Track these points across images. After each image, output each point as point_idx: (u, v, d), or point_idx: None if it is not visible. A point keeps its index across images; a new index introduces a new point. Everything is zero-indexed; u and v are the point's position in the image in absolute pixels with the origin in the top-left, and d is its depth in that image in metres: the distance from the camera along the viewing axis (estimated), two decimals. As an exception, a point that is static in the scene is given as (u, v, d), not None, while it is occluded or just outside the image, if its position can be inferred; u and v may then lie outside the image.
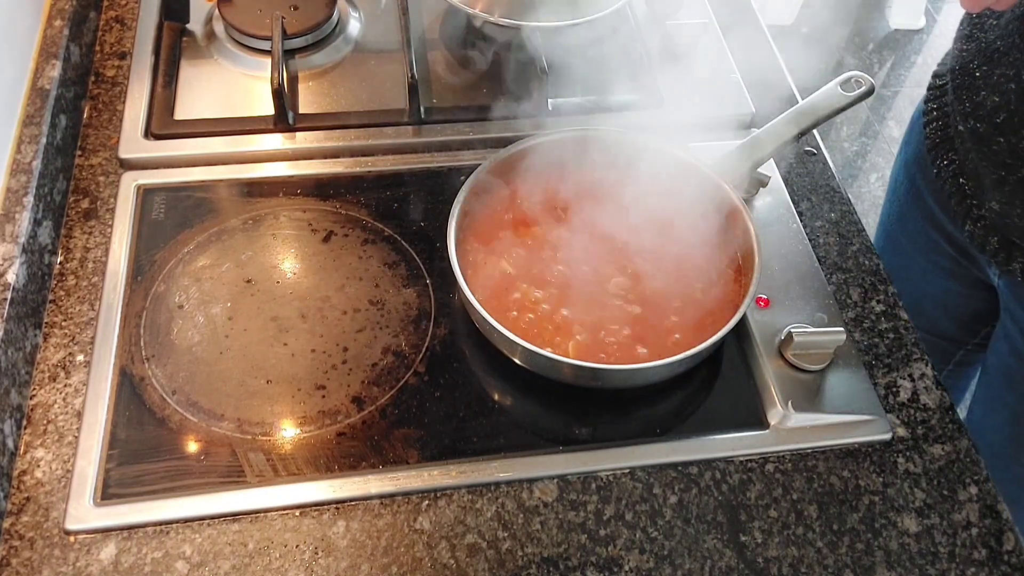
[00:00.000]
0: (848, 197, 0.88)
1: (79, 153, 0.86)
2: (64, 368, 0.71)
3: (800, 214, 0.85)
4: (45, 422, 0.68)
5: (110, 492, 0.64)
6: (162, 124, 0.87)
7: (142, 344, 0.73)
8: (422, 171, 0.87)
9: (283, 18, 0.93)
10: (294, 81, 0.93)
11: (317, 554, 0.63)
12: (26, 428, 0.67)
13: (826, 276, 0.80)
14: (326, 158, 0.87)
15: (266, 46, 0.92)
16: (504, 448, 0.68)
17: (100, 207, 0.82)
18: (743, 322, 0.74)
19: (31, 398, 0.69)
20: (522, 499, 0.66)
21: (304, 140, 0.87)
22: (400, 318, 0.75)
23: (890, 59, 2.62)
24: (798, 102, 0.82)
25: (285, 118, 0.87)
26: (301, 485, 0.66)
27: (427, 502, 0.66)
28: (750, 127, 0.92)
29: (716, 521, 0.66)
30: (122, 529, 0.63)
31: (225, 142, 0.87)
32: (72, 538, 0.62)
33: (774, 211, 0.84)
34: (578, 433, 0.70)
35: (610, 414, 0.71)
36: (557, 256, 0.76)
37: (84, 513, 0.63)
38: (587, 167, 0.81)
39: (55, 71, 0.84)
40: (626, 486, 0.67)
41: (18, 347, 0.68)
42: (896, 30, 2.69)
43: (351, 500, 0.65)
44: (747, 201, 0.80)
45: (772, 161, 0.85)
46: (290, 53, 0.94)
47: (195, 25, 0.98)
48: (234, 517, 0.64)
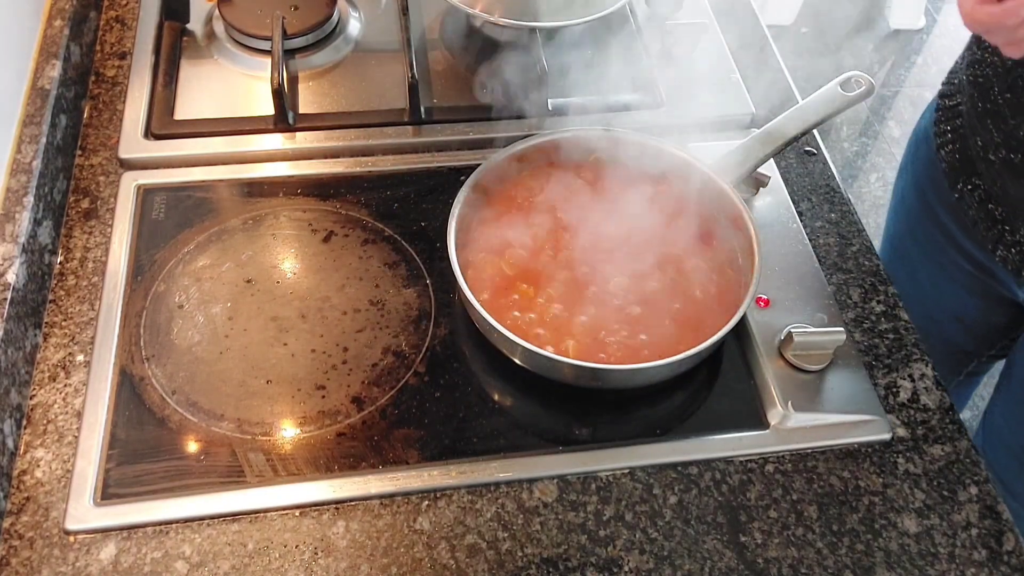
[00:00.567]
0: (848, 197, 0.88)
1: (79, 153, 0.86)
2: (64, 368, 0.71)
3: (800, 214, 0.85)
4: (45, 422, 0.68)
5: (110, 492, 0.64)
6: (162, 124, 0.87)
7: (142, 344, 0.73)
8: (422, 171, 0.87)
9: (283, 18, 0.93)
10: (294, 81, 0.93)
11: (317, 554, 0.63)
12: (26, 428, 0.67)
13: (826, 276, 0.80)
14: (326, 158, 0.87)
15: (266, 46, 0.92)
16: (504, 448, 0.68)
17: (100, 207, 0.82)
18: (743, 322, 0.74)
19: (31, 398, 0.69)
20: (522, 499, 0.66)
21: (304, 140, 0.87)
22: (400, 318, 0.75)
23: (890, 59, 2.62)
24: (798, 102, 0.82)
25: (285, 118, 0.87)
26: (301, 485, 0.66)
27: (427, 502, 0.66)
28: (750, 127, 0.92)
29: (716, 522, 0.66)
30: (122, 529, 0.63)
31: (225, 142, 0.87)
32: (72, 538, 0.62)
33: (774, 211, 0.84)
34: (578, 433, 0.70)
35: (610, 414, 0.71)
36: (557, 256, 0.76)
37: (84, 513, 0.63)
38: (587, 167, 0.81)
39: (55, 71, 0.84)
40: (626, 486, 0.67)
41: (18, 347, 0.68)
42: (896, 30, 2.69)
43: (351, 500, 0.65)
44: (747, 201, 0.80)
45: (772, 161, 0.85)
46: (290, 53, 0.94)
47: (195, 25, 0.98)
48: (234, 517, 0.64)
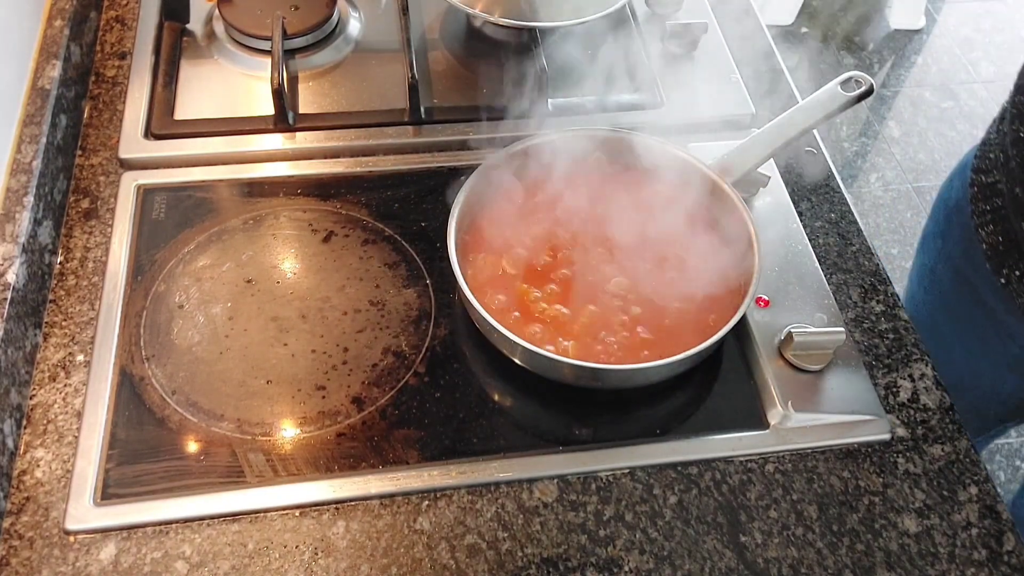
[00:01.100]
0: (848, 197, 0.88)
1: (79, 153, 0.86)
2: (64, 368, 0.71)
3: (800, 214, 0.85)
4: (45, 422, 0.68)
5: (110, 492, 0.64)
6: (162, 124, 0.87)
7: (142, 344, 0.73)
8: (422, 171, 0.87)
9: (283, 18, 0.93)
10: (294, 81, 0.93)
11: (317, 554, 0.63)
12: (26, 428, 0.67)
13: (826, 276, 0.80)
14: (326, 158, 0.87)
15: (266, 46, 0.92)
16: (504, 448, 0.68)
17: (100, 207, 0.82)
18: (743, 322, 0.74)
19: (31, 398, 0.69)
20: (522, 500, 0.66)
21: (304, 140, 0.87)
22: (400, 318, 0.75)
23: (890, 59, 2.62)
24: (798, 102, 0.82)
25: (285, 118, 0.87)
26: (301, 485, 0.66)
27: (427, 502, 0.66)
28: (750, 127, 0.92)
29: (716, 522, 0.66)
30: (122, 529, 0.63)
31: (225, 142, 0.87)
32: (72, 538, 0.62)
33: (774, 211, 0.84)
34: (578, 433, 0.70)
35: (610, 414, 0.71)
36: (557, 256, 0.76)
37: (84, 513, 0.63)
38: (587, 167, 0.81)
39: (55, 71, 0.84)
40: (626, 487, 0.67)
41: (18, 347, 0.68)
42: (896, 30, 2.69)
43: (351, 500, 0.65)
44: (747, 201, 0.80)
45: (772, 161, 0.85)
46: (290, 53, 0.94)
47: (195, 25, 0.98)
48: (234, 517, 0.64)
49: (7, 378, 0.66)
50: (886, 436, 0.71)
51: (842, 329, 0.73)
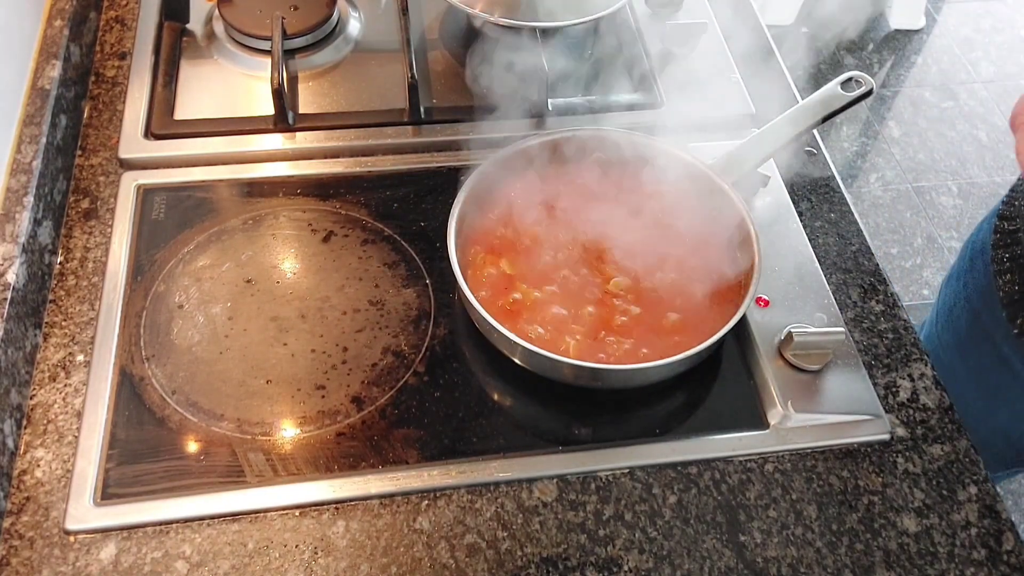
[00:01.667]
0: (848, 197, 0.88)
1: (79, 153, 0.86)
2: (64, 368, 0.71)
3: (800, 214, 0.85)
4: (45, 422, 0.68)
5: (110, 492, 0.64)
6: (162, 124, 0.87)
7: (142, 344, 0.73)
8: (422, 171, 0.87)
9: (283, 18, 0.93)
10: (294, 81, 0.93)
11: (316, 554, 0.63)
12: (26, 428, 0.67)
13: (826, 276, 0.80)
14: (326, 158, 0.87)
15: (266, 46, 0.92)
16: (504, 448, 0.68)
17: (100, 207, 0.82)
18: (743, 322, 0.74)
19: (31, 398, 0.69)
20: (521, 499, 0.66)
21: (304, 140, 0.88)
22: (400, 318, 0.75)
23: (890, 59, 2.62)
24: (798, 102, 0.82)
25: (285, 118, 0.87)
26: (301, 485, 0.66)
27: (427, 502, 0.66)
28: (750, 127, 0.92)
29: (715, 521, 0.66)
30: (122, 529, 0.63)
31: (225, 142, 0.87)
32: (72, 538, 0.62)
33: (774, 211, 0.84)
34: (578, 433, 0.70)
35: (610, 414, 0.71)
36: (557, 256, 0.76)
37: (84, 513, 0.63)
38: (587, 167, 0.81)
39: (55, 71, 0.84)
40: (625, 486, 0.67)
41: (18, 347, 0.68)
42: (896, 30, 2.69)
43: (351, 500, 0.65)
44: (747, 201, 0.80)
45: (772, 161, 0.85)
46: (290, 53, 0.94)
47: (195, 25, 0.98)
48: (234, 517, 0.64)
49: (7, 378, 0.66)
50: (885, 436, 0.71)
51: (842, 329, 0.73)
